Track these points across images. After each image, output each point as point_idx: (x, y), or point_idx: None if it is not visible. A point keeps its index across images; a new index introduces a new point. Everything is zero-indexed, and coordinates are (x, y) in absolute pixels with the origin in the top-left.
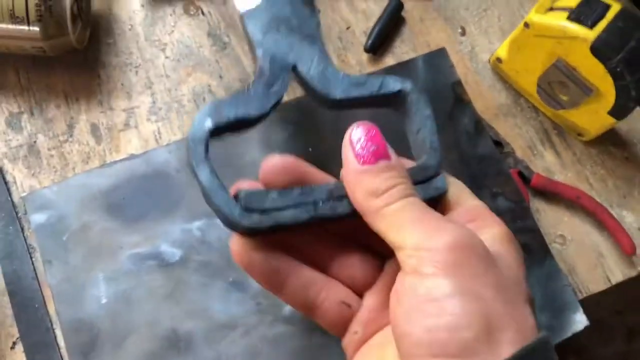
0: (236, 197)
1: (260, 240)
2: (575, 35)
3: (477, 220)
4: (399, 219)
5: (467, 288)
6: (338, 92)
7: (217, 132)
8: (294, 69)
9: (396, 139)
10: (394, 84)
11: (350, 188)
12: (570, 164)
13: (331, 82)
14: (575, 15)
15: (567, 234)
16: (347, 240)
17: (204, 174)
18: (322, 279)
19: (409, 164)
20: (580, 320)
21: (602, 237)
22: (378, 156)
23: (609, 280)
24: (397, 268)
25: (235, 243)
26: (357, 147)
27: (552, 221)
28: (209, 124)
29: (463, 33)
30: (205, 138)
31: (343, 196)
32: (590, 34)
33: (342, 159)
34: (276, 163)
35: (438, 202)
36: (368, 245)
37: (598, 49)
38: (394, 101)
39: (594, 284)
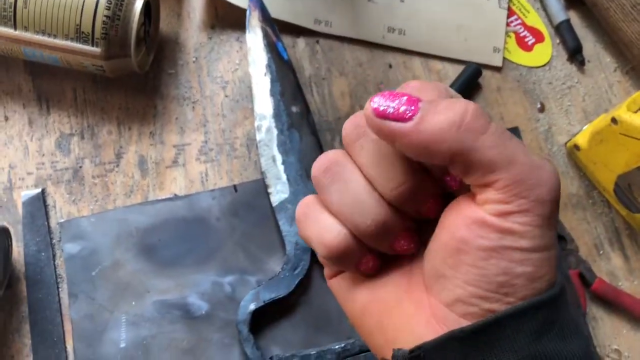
0: (272, 359)
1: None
2: None
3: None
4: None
5: (552, 242)
6: None
7: (257, 312)
8: (312, 250)
9: None
10: None
11: (422, 146)
12: (639, 271)
13: None
14: None
15: (624, 349)
16: None
17: (248, 347)
18: None
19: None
20: None
21: None
22: (416, 101)
23: None
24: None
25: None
26: (393, 109)
27: (610, 332)
28: (252, 307)
29: (542, 109)
30: (249, 320)
31: (350, 356)
32: None
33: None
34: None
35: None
36: None
37: None
38: None
39: None
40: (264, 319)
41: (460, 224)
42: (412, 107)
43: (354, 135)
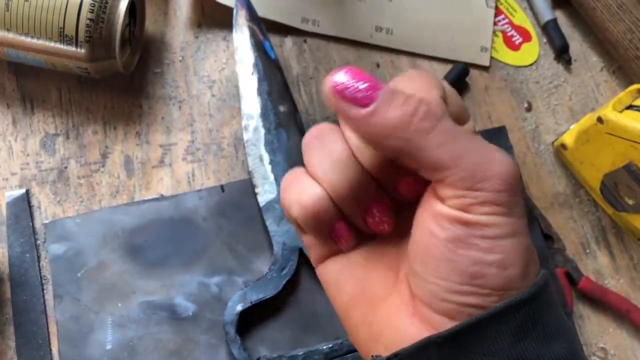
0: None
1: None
2: None
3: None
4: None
5: (520, 229)
6: None
7: (245, 312)
8: (300, 250)
9: None
10: None
11: (371, 137)
12: (625, 269)
13: None
14: None
15: (610, 348)
16: None
17: (235, 349)
18: None
19: None
20: None
21: None
22: (376, 88)
23: None
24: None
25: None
26: (350, 92)
27: (596, 331)
28: (239, 308)
29: (529, 109)
30: (237, 321)
31: (337, 356)
32: None
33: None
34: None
35: None
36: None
37: None
38: None
39: None
40: (251, 319)
41: (428, 219)
42: (370, 95)
43: None
